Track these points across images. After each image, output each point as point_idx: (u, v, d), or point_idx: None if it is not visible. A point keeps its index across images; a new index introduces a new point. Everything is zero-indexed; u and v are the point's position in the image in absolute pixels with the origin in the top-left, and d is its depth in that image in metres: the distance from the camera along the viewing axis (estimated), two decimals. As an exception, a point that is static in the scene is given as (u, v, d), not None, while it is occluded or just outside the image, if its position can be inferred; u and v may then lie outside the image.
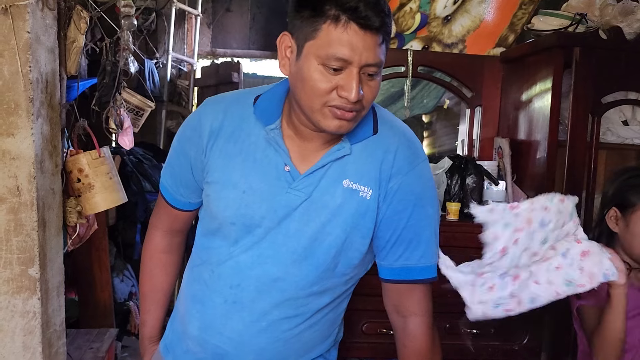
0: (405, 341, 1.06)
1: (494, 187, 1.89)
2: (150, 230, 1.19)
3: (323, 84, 0.86)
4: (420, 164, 1.00)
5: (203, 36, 3.52)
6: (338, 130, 0.90)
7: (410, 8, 1.95)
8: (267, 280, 0.99)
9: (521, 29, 2.07)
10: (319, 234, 0.96)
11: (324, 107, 0.88)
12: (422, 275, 1.02)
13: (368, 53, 0.84)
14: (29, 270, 1.43)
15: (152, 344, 1.21)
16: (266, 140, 0.97)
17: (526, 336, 1.83)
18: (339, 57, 0.84)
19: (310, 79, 0.87)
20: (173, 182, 1.09)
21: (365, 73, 0.87)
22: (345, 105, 0.87)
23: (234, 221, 0.98)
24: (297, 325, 1.02)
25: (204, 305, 1.05)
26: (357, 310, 1.68)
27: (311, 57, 0.86)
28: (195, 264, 1.10)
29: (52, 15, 1.51)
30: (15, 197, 1.41)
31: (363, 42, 0.83)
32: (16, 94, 1.38)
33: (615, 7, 1.79)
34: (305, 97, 0.89)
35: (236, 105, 1.01)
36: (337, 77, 0.85)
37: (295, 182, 0.96)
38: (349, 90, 0.85)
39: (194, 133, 1.01)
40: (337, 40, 0.83)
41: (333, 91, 0.86)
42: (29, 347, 1.46)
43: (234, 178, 0.98)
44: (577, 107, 1.77)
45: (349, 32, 0.83)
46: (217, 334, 1.03)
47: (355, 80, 0.85)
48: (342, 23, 0.83)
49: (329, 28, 0.83)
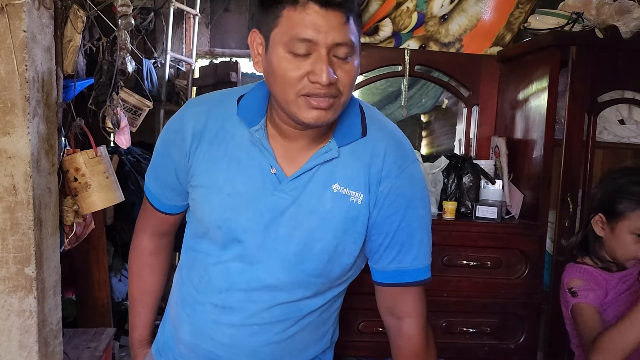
0: (400, 342, 1.05)
1: (491, 186, 1.90)
2: (136, 233, 1.17)
3: (292, 71, 0.83)
4: (410, 166, 0.98)
5: (201, 36, 3.52)
6: (317, 121, 0.86)
7: (407, 7, 1.94)
8: (257, 286, 0.97)
9: (518, 28, 2.06)
10: (309, 240, 0.95)
11: (297, 97, 0.85)
12: (415, 278, 1.01)
13: (334, 32, 0.81)
14: (25, 269, 1.43)
15: (143, 347, 1.20)
16: (251, 141, 0.95)
17: (522, 335, 1.83)
18: (302, 37, 0.81)
19: (279, 68, 0.84)
20: (158, 185, 1.07)
21: (336, 56, 0.83)
22: (319, 90, 0.83)
23: (219, 225, 0.96)
24: (289, 327, 1.01)
25: (194, 310, 1.03)
26: (354, 309, 1.69)
27: (277, 46, 0.83)
28: (184, 266, 1.08)
29: (49, 14, 1.51)
30: (11, 196, 1.41)
31: (326, 20, 0.80)
32: (12, 93, 1.38)
33: (612, 6, 1.79)
34: (279, 89, 0.86)
35: (219, 107, 0.98)
36: (306, 62, 0.82)
37: (282, 184, 0.94)
38: (319, 72, 0.81)
39: (177, 136, 0.99)
40: (298, 22, 0.81)
41: (304, 78, 0.83)
42: (25, 346, 1.46)
43: (218, 181, 0.96)
44: (573, 106, 1.77)
45: (308, 12, 0.80)
46: (209, 339, 1.01)
47: (325, 62, 0.81)
48: (300, 4, 0.81)
49: (289, 13, 0.81)
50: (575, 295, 1.31)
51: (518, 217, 1.91)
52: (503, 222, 1.83)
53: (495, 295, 1.81)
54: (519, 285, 1.81)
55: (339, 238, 0.95)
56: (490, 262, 1.79)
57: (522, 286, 1.81)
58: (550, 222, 1.83)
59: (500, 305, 1.82)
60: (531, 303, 1.82)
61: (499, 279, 1.80)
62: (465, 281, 1.79)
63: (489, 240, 1.79)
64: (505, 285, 1.81)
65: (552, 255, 1.83)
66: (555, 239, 1.81)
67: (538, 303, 1.82)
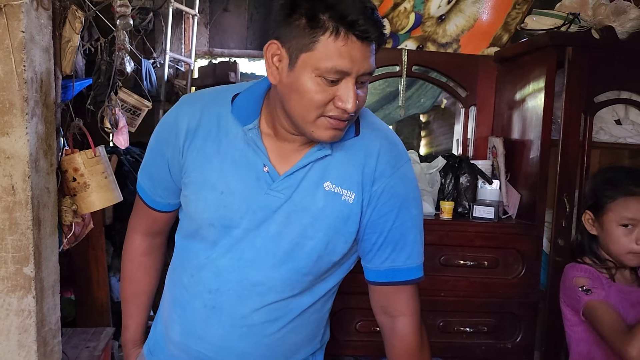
0: (394, 341, 1.05)
1: (488, 186, 1.90)
2: (129, 233, 1.17)
3: (320, 95, 0.85)
4: (403, 166, 0.99)
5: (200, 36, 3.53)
6: (332, 140, 0.90)
7: (404, 8, 1.95)
8: (247, 285, 0.97)
9: (515, 28, 2.07)
10: (300, 238, 0.95)
11: (319, 117, 0.87)
12: (409, 276, 1.01)
13: (364, 63, 0.84)
14: (23, 269, 1.44)
15: (136, 347, 1.20)
16: (244, 140, 0.96)
17: (519, 334, 1.84)
18: (339, 70, 0.83)
19: (307, 91, 0.85)
20: (151, 183, 1.07)
21: (358, 81, 0.86)
22: (342, 115, 0.87)
23: (212, 222, 0.97)
24: (280, 328, 1.01)
25: (184, 310, 1.04)
26: (351, 308, 1.69)
27: (308, 69, 0.84)
28: (175, 267, 1.09)
29: (47, 14, 1.52)
30: (10, 196, 1.41)
31: (361, 52, 0.83)
32: (11, 93, 1.39)
33: (608, 7, 1.79)
34: (301, 109, 0.87)
35: (214, 104, 0.99)
36: (333, 88, 0.85)
37: (275, 183, 0.95)
38: (347, 101, 0.85)
39: (170, 133, 0.99)
40: (337, 52, 0.82)
41: (330, 102, 0.86)
42: (24, 346, 1.47)
43: (212, 179, 0.96)
44: (570, 106, 1.78)
45: (347, 43, 0.82)
46: (199, 339, 1.02)
47: (353, 91, 0.85)
48: (342, 36, 0.81)
49: (327, 40, 0.82)
50: (589, 293, 1.28)
51: (515, 217, 1.92)
52: (500, 222, 1.84)
53: (492, 294, 1.82)
54: (516, 285, 1.82)
55: (330, 237, 0.96)
56: (487, 262, 1.80)
57: (519, 286, 1.81)
58: (547, 222, 1.84)
59: (497, 305, 1.82)
60: (528, 303, 1.82)
61: (496, 279, 1.81)
62: (462, 281, 1.80)
63: (486, 240, 1.80)
64: (502, 284, 1.81)
65: (548, 255, 1.84)
66: (552, 239, 1.81)
67: (535, 302, 1.83)
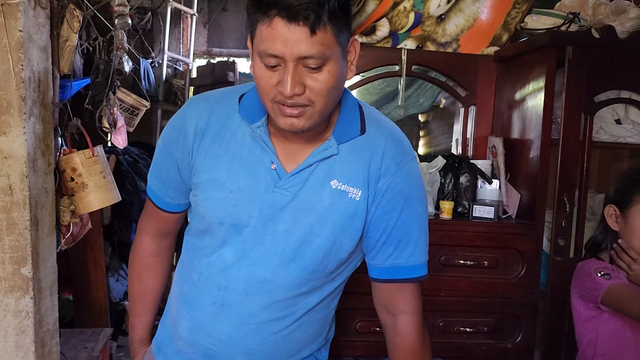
0: (396, 340, 1.06)
1: (488, 186, 1.90)
2: (138, 235, 1.18)
3: (266, 80, 0.87)
4: (408, 163, 0.99)
5: (199, 35, 3.52)
6: (291, 128, 0.89)
7: (404, 7, 1.94)
8: (255, 282, 0.98)
9: (515, 28, 2.07)
10: (308, 236, 0.96)
11: (272, 103, 0.88)
12: (411, 274, 1.02)
13: (299, 46, 0.82)
14: (21, 270, 1.43)
15: (143, 346, 1.21)
16: (252, 138, 0.97)
17: (519, 334, 1.84)
18: (270, 53, 0.84)
19: (257, 77, 0.88)
20: (161, 184, 1.08)
21: (307, 66, 0.85)
22: (286, 100, 0.86)
23: (222, 221, 0.98)
24: (287, 326, 1.02)
25: (193, 307, 1.04)
26: (351, 309, 1.69)
27: (256, 55, 0.87)
28: (184, 263, 1.09)
29: (45, 13, 1.51)
30: (7, 196, 1.41)
31: (291, 35, 0.81)
32: (8, 93, 1.38)
33: (608, 6, 1.79)
34: (259, 95, 0.90)
35: (221, 104, 1.00)
36: (276, 72, 0.86)
37: (282, 181, 0.96)
38: (284, 85, 0.85)
39: (179, 134, 1.00)
40: (267, 36, 0.83)
41: (275, 87, 0.87)
42: (21, 347, 1.46)
43: (221, 178, 0.97)
44: (569, 106, 1.78)
45: (275, 27, 0.82)
46: (207, 335, 1.02)
47: (290, 75, 0.84)
48: (270, 19, 0.82)
49: (261, 26, 0.83)
50: (609, 278, 1.28)
51: (515, 217, 1.91)
52: (500, 222, 1.84)
53: (492, 294, 1.81)
54: (516, 285, 1.81)
55: (337, 234, 0.97)
56: (487, 262, 1.79)
57: (519, 286, 1.81)
58: (547, 221, 1.84)
59: (497, 305, 1.82)
60: (528, 302, 1.82)
61: (496, 279, 1.81)
62: (462, 281, 1.80)
63: (486, 239, 1.79)
64: (502, 284, 1.81)
65: (548, 254, 1.84)
66: (552, 239, 1.81)
67: (535, 302, 1.83)
